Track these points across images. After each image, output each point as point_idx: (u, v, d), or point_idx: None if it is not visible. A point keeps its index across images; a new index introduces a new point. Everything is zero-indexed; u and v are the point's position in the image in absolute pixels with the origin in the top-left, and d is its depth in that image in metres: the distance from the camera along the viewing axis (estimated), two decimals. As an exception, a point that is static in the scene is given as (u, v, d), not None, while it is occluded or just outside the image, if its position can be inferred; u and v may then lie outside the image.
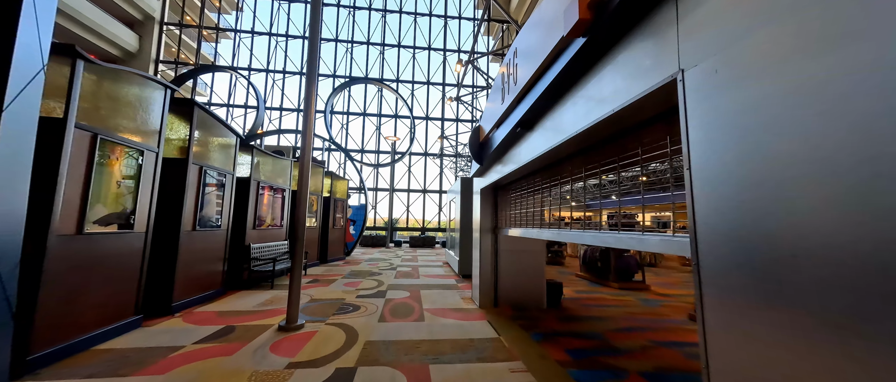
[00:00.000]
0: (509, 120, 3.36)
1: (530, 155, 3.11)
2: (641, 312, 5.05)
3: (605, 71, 1.83)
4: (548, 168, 3.68)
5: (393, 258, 11.76)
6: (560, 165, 3.41)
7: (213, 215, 5.25)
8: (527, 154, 3.16)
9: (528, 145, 3.17)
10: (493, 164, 4.55)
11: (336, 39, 21.49)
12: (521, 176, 4.35)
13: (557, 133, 2.53)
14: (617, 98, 1.68)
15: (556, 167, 3.54)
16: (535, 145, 2.96)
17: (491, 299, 5.10)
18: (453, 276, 8.02)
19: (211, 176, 5.14)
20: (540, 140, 2.90)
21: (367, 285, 6.76)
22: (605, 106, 1.79)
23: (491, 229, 5.22)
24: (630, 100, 1.57)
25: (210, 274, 5.22)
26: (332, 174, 10.91)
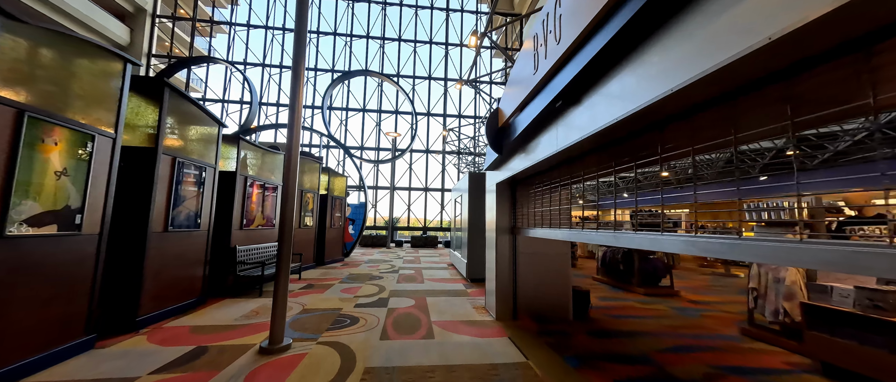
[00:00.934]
0: (539, 99, 2.70)
1: (566, 140, 2.45)
2: (682, 324, 4.39)
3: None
4: (577, 160, 3.03)
5: (394, 259, 11.11)
6: (589, 156, 2.77)
7: (191, 214, 4.58)
8: (564, 138, 2.50)
9: (564, 127, 2.51)
10: (513, 154, 3.89)
11: (335, 33, 20.81)
12: (545, 169, 3.69)
13: (612, 108, 1.88)
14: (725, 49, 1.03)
15: (584, 159, 2.89)
16: (578, 125, 2.30)
17: (509, 309, 4.44)
18: (461, 280, 7.37)
19: (187, 169, 4.47)
20: (583, 119, 2.25)
21: (367, 291, 6.10)
22: (698, 64, 1.14)
23: (508, 230, 4.56)
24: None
25: (186, 281, 4.56)
26: (329, 171, 10.25)
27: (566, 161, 3.19)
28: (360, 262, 10.24)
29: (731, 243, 1.46)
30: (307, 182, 8.82)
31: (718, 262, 11.30)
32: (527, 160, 3.54)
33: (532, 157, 3.38)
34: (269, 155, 6.95)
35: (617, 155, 2.57)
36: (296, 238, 8.01)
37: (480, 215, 7.26)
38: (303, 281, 6.90)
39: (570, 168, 3.40)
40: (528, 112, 3.11)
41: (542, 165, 3.39)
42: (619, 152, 2.59)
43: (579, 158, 3.05)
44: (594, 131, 2.12)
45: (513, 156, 3.94)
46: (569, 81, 2.13)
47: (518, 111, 3.40)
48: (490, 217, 4.92)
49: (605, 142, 2.48)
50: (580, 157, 2.98)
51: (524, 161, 3.62)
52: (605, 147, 2.58)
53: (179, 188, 4.32)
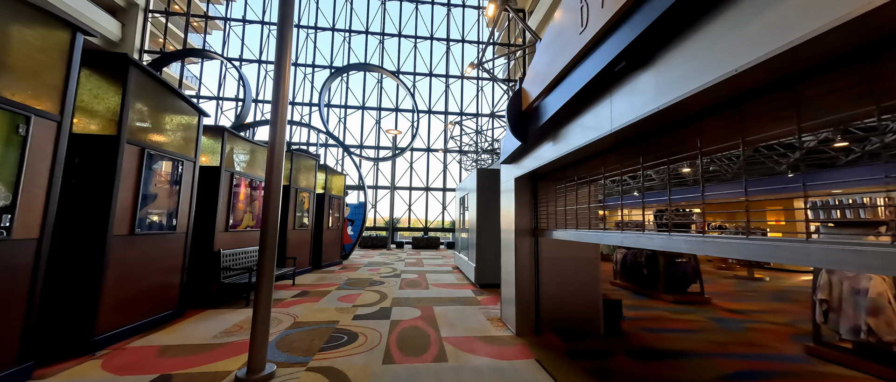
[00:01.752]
0: (584, 68, 2.12)
1: (624, 118, 1.88)
2: (731, 340, 3.80)
3: None
4: (622, 147, 2.46)
5: (395, 261, 10.51)
6: (638, 144, 2.20)
7: (165, 215, 3.99)
8: (621, 116, 1.92)
9: (622, 99, 1.93)
10: (538, 143, 3.31)
11: (333, 28, 20.24)
12: (578, 161, 3.12)
13: (700, 69, 1.32)
14: None
15: (629, 148, 2.33)
16: (642, 95, 1.73)
17: (531, 322, 3.85)
18: (468, 285, 6.78)
19: (160, 163, 3.88)
20: (649, 87, 1.67)
21: (367, 299, 5.51)
22: None
23: (529, 232, 3.97)
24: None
25: (159, 291, 3.96)
26: (327, 168, 9.67)
27: (612, 149, 2.60)
28: (359, 265, 9.65)
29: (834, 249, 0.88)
30: (303, 180, 8.23)
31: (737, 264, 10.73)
32: (556, 150, 2.96)
33: (564, 145, 2.80)
34: (259, 150, 6.36)
35: (668, 145, 2.00)
36: (290, 241, 7.42)
37: (490, 215, 6.67)
38: (296, 288, 6.30)
39: (606, 160, 2.83)
40: (563, 90, 2.53)
41: (578, 154, 2.81)
42: (669, 141, 2.02)
43: (625, 145, 2.47)
44: (667, 103, 1.54)
45: (538, 146, 3.35)
46: (643, 30, 1.55)
47: (548, 91, 2.82)
48: (506, 218, 4.33)
49: (668, 122, 1.90)
50: (626, 144, 2.41)
51: (553, 151, 3.04)
52: (665, 131, 2.00)
53: (149, 184, 3.73)
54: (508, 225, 4.20)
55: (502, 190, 4.58)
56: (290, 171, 7.57)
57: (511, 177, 4.17)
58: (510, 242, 4.09)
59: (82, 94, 3.36)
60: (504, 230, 4.40)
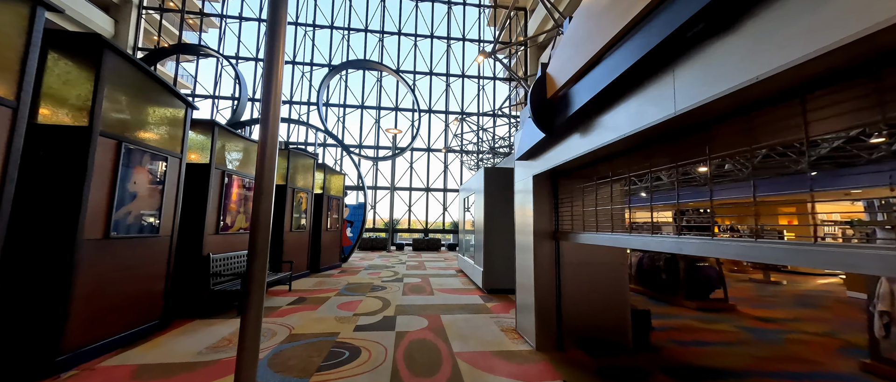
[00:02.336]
0: (640, 39, 1.76)
1: (693, 98, 1.52)
2: (773, 355, 3.44)
3: None
4: (669, 140, 2.10)
5: (397, 264, 10.13)
6: (695, 134, 1.84)
7: (146, 216, 3.60)
8: (687, 97, 1.56)
9: (688, 76, 1.57)
10: (565, 134, 2.94)
11: (332, 26, 19.87)
12: (612, 155, 2.76)
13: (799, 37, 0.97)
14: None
15: (678, 141, 1.98)
16: (725, 67, 1.37)
17: (552, 335, 3.47)
18: (475, 290, 6.40)
19: (139, 159, 3.49)
20: (732, 58, 1.32)
21: (369, 306, 5.12)
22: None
23: (550, 234, 3.60)
24: None
25: (139, 301, 3.57)
26: (325, 168, 9.28)
27: (659, 140, 2.24)
28: (359, 268, 9.26)
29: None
30: (300, 180, 7.84)
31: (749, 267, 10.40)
32: (587, 142, 2.60)
33: (598, 137, 2.44)
34: (254, 148, 5.96)
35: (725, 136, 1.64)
36: (287, 243, 7.03)
37: (499, 216, 6.30)
38: (293, 294, 5.90)
39: (634, 157, 2.47)
40: (603, 70, 2.16)
41: (616, 147, 2.44)
42: (731, 131, 1.67)
43: (673, 138, 2.12)
44: (771, 72, 1.18)
45: (563, 138, 2.99)
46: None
47: (581, 74, 2.46)
48: (522, 219, 3.96)
49: (755, 100, 1.54)
50: (679, 135, 2.05)
51: (583, 144, 2.68)
52: (740, 113, 1.64)
53: (127, 182, 3.34)
54: (525, 227, 3.83)
55: (517, 189, 4.21)
56: (286, 170, 7.18)
57: (528, 175, 3.80)
58: (527, 245, 3.72)
59: (50, 80, 2.97)
60: (519, 233, 4.03)
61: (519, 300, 3.99)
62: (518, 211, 4.13)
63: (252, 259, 2.37)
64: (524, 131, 3.62)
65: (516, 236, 4.14)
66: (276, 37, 2.59)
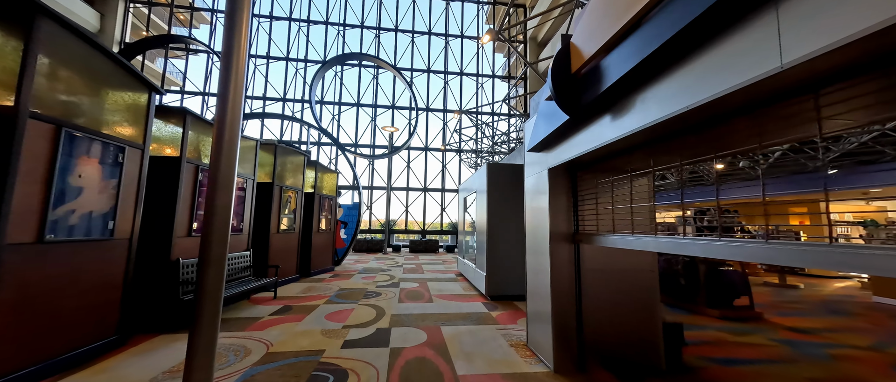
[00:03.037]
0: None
1: (770, 63, 1.06)
2: (824, 376, 2.98)
3: None
4: (698, 130, 1.64)
5: (393, 267, 9.60)
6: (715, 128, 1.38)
7: (96, 216, 3.07)
8: (767, 59, 1.09)
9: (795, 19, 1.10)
10: (591, 117, 2.46)
11: (326, 22, 19.36)
12: (643, 144, 2.29)
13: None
14: None
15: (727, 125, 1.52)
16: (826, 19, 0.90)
17: (572, 352, 2.98)
18: (478, 297, 5.90)
19: (87, 148, 2.97)
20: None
21: (361, 316, 4.60)
22: None
23: (569, 237, 3.11)
24: None
25: (87, 315, 3.04)
26: (317, 165, 8.74)
27: (709, 122, 1.77)
28: (352, 272, 8.73)
29: None
30: (289, 178, 7.31)
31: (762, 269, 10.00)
32: (621, 126, 2.13)
33: (638, 117, 1.97)
34: (235, 141, 5.43)
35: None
36: (273, 246, 6.49)
37: (504, 216, 5.82)
38: (278, 302, 5.37)
39: (698, 139, 2.00)
40: (647, 33, 1.69)
41: (657, 131, 1.97)
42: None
43: (724, 120, 1.65)
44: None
45: (588, 122, 2.51)
46: None
47: (617, 40, 1.98)
48: (534, 219, 3.47)
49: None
50: (676, 134, 1.58)
51: (613, 128, 2.20)
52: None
53: (69, 175, 2.81)
54: (538, 228, 3.34)
55: (528, 186, 3.73)
56: (274, 167, 6.65)
57: (542, 168, 3.32)
58: (541, 248, 3.23)
59: (-33, 49, 2.44)
60: (531, 234, 3.54)
61: (531, 309, 3.50)
62: (529, 210, 3.64)
63: (204, 268, 1.87)
64: (538, 118, 3.14)
65: (527, 238, 3.65)
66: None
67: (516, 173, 6.02)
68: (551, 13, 19.68)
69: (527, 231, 3.67)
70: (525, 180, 3.82)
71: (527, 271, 3.63)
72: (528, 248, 3.59)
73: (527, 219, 3.70)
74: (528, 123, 3.78)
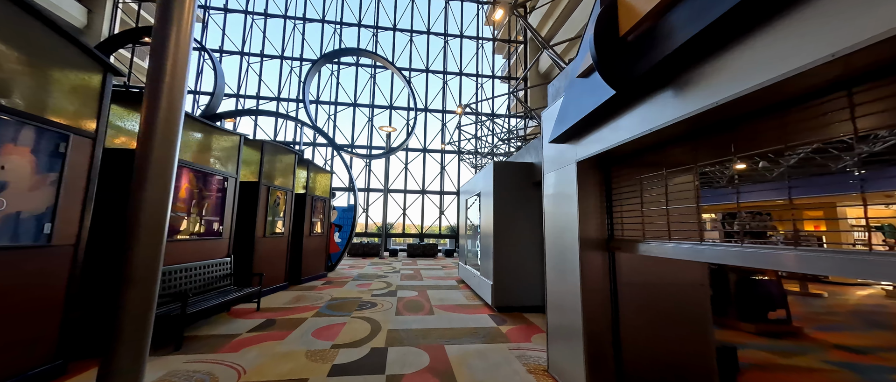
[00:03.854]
0: None
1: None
2: (914, 411, 2.47)
3: None
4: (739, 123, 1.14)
5: (390, 273, 9.03)
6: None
7: (25, 218, 2.51)
8: None
9: None
10: (646, 93, 1.95)
11: (323, 20, 18.89)
12: (709, 127, 1.80)
13: None
14: None
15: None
16: None
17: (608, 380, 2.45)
18: (483, 308, 5.36)
19: (12, 133, 2.41)
20: None
21: (353, 332, 4.05)
22: None
23: (601, 243, 2.60)
24: None
25: (15, 339, 2.46)
26: (309, 164, 8.19)
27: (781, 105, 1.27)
28: (347, 278, 8.15)
29: None
30: (278, 178, 6.76)
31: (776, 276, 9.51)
32: (685, 104, 1.62)
33: (705, 95, 1.47)
34: (217, 135, 4.89)
35: None
36: (259, 252, 5.91)
37: (513, 219, 5.31)
38: (261, 314, 4.79)
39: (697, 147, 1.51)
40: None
41: (733, 109, 1.46)
42: None
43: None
44: None
45: (639, 100, 2.00)
46: None
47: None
48: (557, 220, 2.95)
49: None
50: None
51: (676, 106, 1.70)
52: None
53: (-15, 166, 2.25)
54: (563, 233, 2.82)
55: (549, 184, 3.21)
56: (260, 165, 6.10)
57: (568, 161, 2.80)
58: (568, 257, 2.71)
59: None
60: (553, 240, 3.02)
61: (552, 325, 2.96)
62: (550, 212, 3.12)
63: (126, 286, 1.33)
64: (566, 100, 2.63)
65: (548, 244, 3.13)
66: None
67: (525, 173, 5.52)
68: (546, 21, 19.34)
69: (547, 237, 3.15)
70: (543, 177, 3.30)
71: (547, 282, 3.10)
72: (549, 256, 3.06)
73: (546, 222, 3.18)
74: (548, 110, 3.27)
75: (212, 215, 4.67)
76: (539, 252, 5.34)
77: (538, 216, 5.43)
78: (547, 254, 3.13)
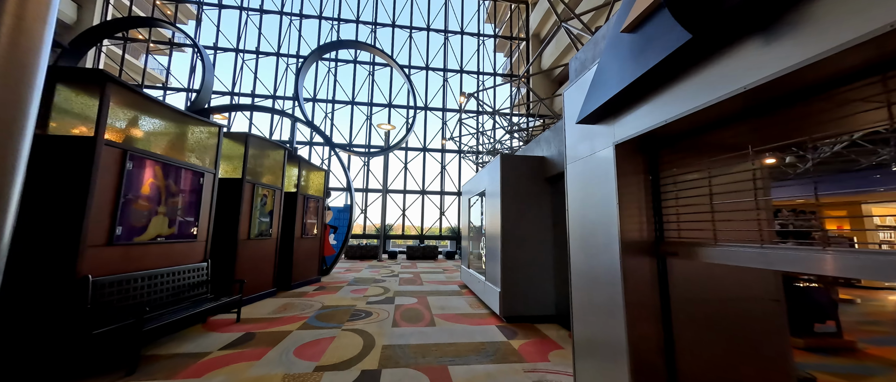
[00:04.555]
0: None
1: None
2: None
3: None
4: None
5: (388, 277, 8.48)
6: None
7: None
8: None
9: None
10: (735, 38, 1.41)
11: (320, 17, 18.41)
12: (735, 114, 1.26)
13: None
14: None
15: None
16: None
17: (658, 430, 1.91)
18: (490, 317, 4.82)
19: None
20: None
21: (343, 349, 3.50)
22: None
23: (647, 247, 2.05)
24: None
25: None
26: (300, 160, 7.65)
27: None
28: (341, 283, 7.60)
29: None
30: (266, 175, 6.22)
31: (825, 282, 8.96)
32: (838, 34, 1.08)
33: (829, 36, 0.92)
34: (191, 124, 4.36)
35: None
36: (242, 256, 5.37)
37: (524, 219, 4.77)
38: (240, 327, 4.24)
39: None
40: None
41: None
42: None
43: None
44: None
45: (723, 51, 1.46)
46: None
47: None
48: (587, 218, 2.41)
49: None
50: None
51: (791, 52, 1.16)
52: None
53: None
54: (594, 231, 2.29)
55: (575, 174, 2.66)
56: (244, 159, 5.56)
57: (604, 144, 2.26)
58: (604, 264, 2.17)
59: None
60: (579, 240, 2.48)
61: (580, 342, 2.42)
62: (576, 207, 2.58)
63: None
64: (603, 65, 2.10)
65: (572, 246, 2.58)
66: None
67: (536, 167, 4.98)
68: (548, 19, 18.87)
69: (571, 237, 2.61)
70: (567, 167, 2.76)
71: (572, 291, 2.56)
72: (577, 260, 2.52)
73: (571, 221, 2.64)
74: (570, 89, 2.74)
75: (184, 215, 4.13)
76: (552, 256, 4.80)
77: (550, 215, 4.90)
78: (572, 259, 2.59)
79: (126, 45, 17.22)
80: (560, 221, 4.85)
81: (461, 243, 8.53)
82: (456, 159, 17.86)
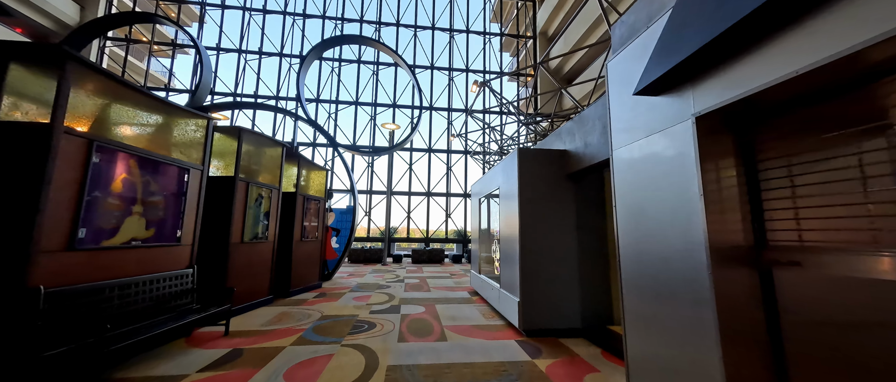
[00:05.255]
0: None
1: None
2: None
3: None
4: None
5: (393, 283, 7.98)
6: None
7: None
8: None
9: None
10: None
11: (324, 16, 18.12)
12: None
13: None
14: None
15: None
16: None
17: None
18: (506, 329, 4.29)
19: None
20: None
21: (341, 372, 2.99)
22: None
23: (744, 254, 1.53)
24: None
25: None
26: (300, 158, 7.20)
27: None
28: (343, 289, 7.11)
29: None
30: (262, 173, 5.78)
31: None
32: None
33: None
34: (174, 115, 3.92)
35: None
36: (235, 262, 4.91)
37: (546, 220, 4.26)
38: (228, 342, 3.76)
39: None
40: None
41: None
42: None
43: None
44: None
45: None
46: None
47: None
48: (644, 216, 1.89)
49: None
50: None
51: None
52: None
53: None
54: (663, 231, 1.77)
55: (623, 158, 2.14)
56: (237, 156, 5.11)
57: (677, 118, 1.75)
58: (683, 272, 1.65)
59: None
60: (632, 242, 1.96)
61: (638, 368, 1.89)
62: (629, 200, 2.06)
63: None
64: (678, 11, 1.60)
65: (623, 249, 2.06)
66: None
67: (557, 163, 4.47)
68: (556, 16, 18.40)
69: (622, 239, 2.09)
70: (613, 153, 2.24)
71: (624, 307, 2.03)
72: (629, 271, 2.00)
73: (620, 218, 2.12)
74: (615, 61, 2.23)
75: (165, 216, 3.67)
76: (577, 262, 4.27)
77: (574, 216, 4.37)
78: (624, 267, 2.07)
79: (128, 46, 17.03)
80: (584, 223, 4.33)
81: (469, 246, 8.00)
82: (462, 160, 17.38)
